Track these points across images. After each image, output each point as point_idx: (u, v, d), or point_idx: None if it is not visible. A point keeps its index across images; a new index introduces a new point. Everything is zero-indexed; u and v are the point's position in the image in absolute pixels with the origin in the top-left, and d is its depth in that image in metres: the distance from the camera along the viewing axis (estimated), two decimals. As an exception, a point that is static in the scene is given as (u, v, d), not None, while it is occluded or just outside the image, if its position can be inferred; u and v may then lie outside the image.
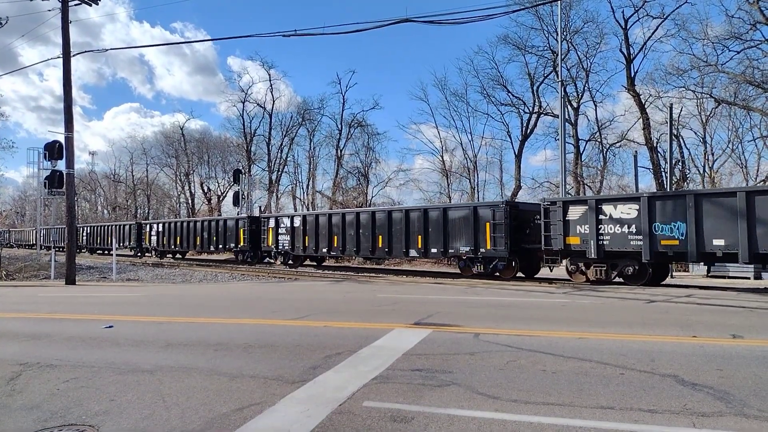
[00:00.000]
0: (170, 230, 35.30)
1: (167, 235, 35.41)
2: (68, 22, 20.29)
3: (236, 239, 29.55)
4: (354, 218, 23.20)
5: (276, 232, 26.94)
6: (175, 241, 34.67)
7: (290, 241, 26.08)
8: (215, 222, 32.22)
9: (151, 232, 37.14)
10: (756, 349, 6.30)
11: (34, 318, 10.27)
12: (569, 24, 36.24)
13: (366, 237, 22.49)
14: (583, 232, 16.26)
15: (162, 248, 36.28)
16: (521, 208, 19.47)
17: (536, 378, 5.11)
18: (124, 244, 39.97)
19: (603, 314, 9.60)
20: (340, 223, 23.68)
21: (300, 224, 25.72)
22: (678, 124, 32.02)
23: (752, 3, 26.99)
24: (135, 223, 39.63)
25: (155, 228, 37.02)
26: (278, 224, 26.97)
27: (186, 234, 33.75)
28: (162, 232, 36.11)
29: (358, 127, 50.97)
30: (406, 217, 20.96)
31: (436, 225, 19.93)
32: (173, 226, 35.36)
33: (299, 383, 5.05)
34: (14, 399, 4.84)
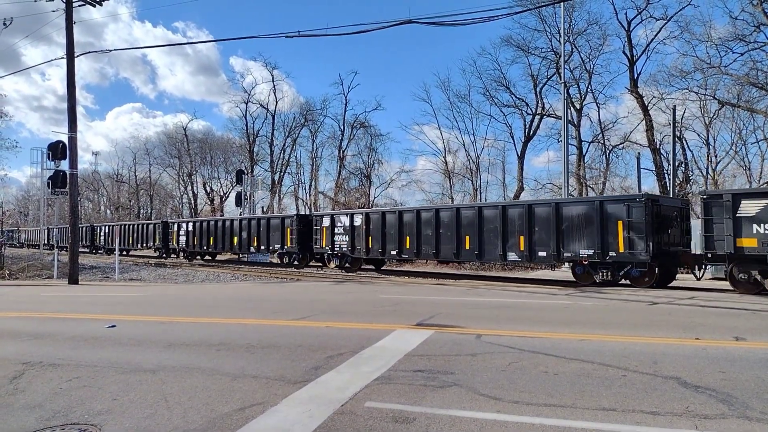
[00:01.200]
0: (202, 230, 32.55)
1: (198, 235, 32.74)
2: (72, 23, 20.38)
3: (282, 240, 26.88)
4: (432, 216, 20.23)
5: (331, 231, 24.20)
6: (207, 242, 31.88)
7: (349, 241, 23.29)
8: (257, 221, 29.17)
9: (180, 231, 34.37)
10: (759, 351, 6.28)
11: (37, 317, 10.30)
12: (572, 25, 36.26)
13: (449, 237, 19.59)
14: (764, 233, 13.26)
15: (191, 249, 33.64)
16: (662, 203, 16.34)
17: (538, 379, 5.10)
18: (148, 245, 37.75)
19: (605, 316, 9.58)
20: (414, 221, 20.74)
21: (362, 223, 22.88)
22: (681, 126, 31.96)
23: (756, 5, 26.93)
24: (161, 222, 37.34)
25: (184, 227, 34.32)
26: (334, 223, 24.16)
27: (221, 234, 30.90)
28: (192, 231, 33.33)
29: (360, 128, 51.07)
30: (503, 214, 18.11)
31: (545, 224, 17.11)
32: (205, 225, 32.67)
33: (301, 383, 5.06)
34: (17, 398, 4.85)
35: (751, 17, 27.76)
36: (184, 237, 34.06)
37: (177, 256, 36.12)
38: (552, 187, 37.80)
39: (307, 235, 25.98)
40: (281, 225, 27.07)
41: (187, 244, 33.75)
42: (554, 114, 38.99)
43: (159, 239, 36.30)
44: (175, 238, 34.82)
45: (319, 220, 25.26)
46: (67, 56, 20.25)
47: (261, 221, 28.69)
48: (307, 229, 26.03)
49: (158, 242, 36.41)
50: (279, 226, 27.20)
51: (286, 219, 27.20)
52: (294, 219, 26.61)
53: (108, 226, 45.08)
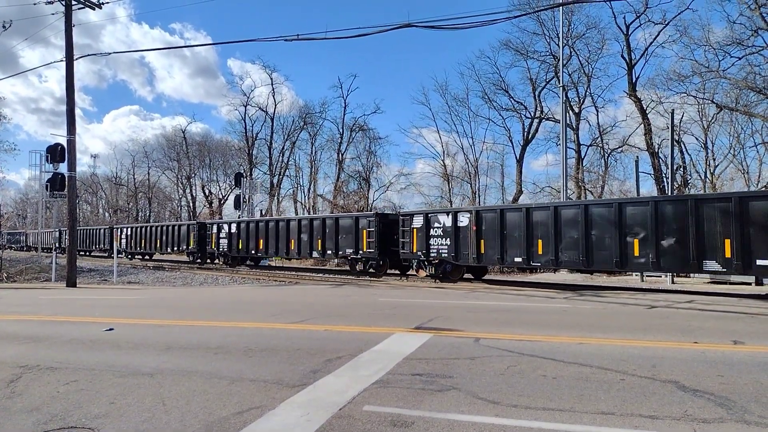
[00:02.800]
0: (249, 232, 28.64)
1: (244, 237, 28.95)
2: (71, 25, 20.39)
3: (355, 243, 22.87)
4: (578, 214, 16.12)
5: (425, 234, 20.36)
6: (256, 245, 28.13)
7: (451, 245, 19.35)
8: (321, 221, 24.89)
9: (220, 233, 30.80)
10: (757, 355, 6.29)
11: (35, 320, 10.27)
12: (571, 29, 36.38)
13: (610, 240, 15.41)
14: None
15: (234, 254, 29.90)
16: None
17: (537, 383, 5.10)
18: (180, 248, 34.29)
19: (604, 319, 9.58)
20: (551, 220, 16.62)
21: (470, 223, 18.79)
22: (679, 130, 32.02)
23: (753, 9, 27.04)
24: (196, 224, 33.78)
25: (226, 229, 30.59)
26: (429, 224, 20.21)
27: (273, 236, 27.00)
28: (236, 233, 29.56)
29: (359, 131, 51.10)
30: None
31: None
32: (253, 226, 28.69)
33: (299, 387, 5.05)
34: (14, 401, 4.83)
35: (749, 21, 27.89)
36: (225, 240, 30.41)
37: (216, 262, 32.76)
38: (551, 191, 37.85)
39: (388, 237, 22.41)
40: (354, 226, 23.18)
41: (230, 248, 30.02)
42: (553, 117, 39.09)
43: (194, 242, 32.63)
44: (214, 241, 31.15)
45: (407, 220, 21.18)
46: (66, 59, 20.26)
47: (327, 221, 24.86)
48: (388, 231, 22.45)
49: (193, 245, 32.76)
50: (352, 227, 23.33)
51: (361, 219, 23.19)
52: (372, 219, 22.55)
53: (132, 227, 41.13)
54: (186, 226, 34.07)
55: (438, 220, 20.18)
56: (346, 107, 51.78)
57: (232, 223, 30.54)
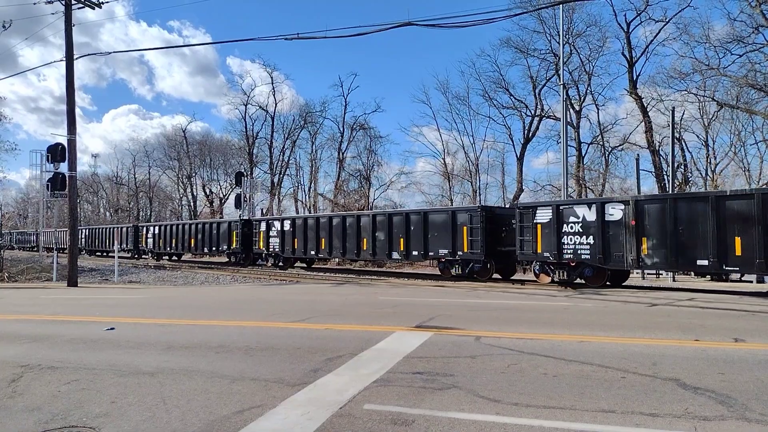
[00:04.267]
0: (306, 229, 25.88)
1: (301, 236, 26.11)
2: (72, 25, 20.38)
3: (452, 242, 19.75)
4: None
5: (555, 230, 16.86)
6: (316, 245, 25.19)
7: (598, 245, 15.85)
8: (403, 217, 21.68)
9: (270, 232, 28.05)
10: (758, 352, 6.28)
11: (36, 320, 10.28)
12: (572, 27, 36.30)
13: None
14: None
15: (289, 255, 26.99)
16: None
17: (537, 381, 5.09)
18: (220, 249, 31.57)
19: (605, 317, 9.58)
20: None
21: (624, 216, 15.41)
22: (680, 128, 32.00)
23: (754, 6, 26.98)
24: (240, 221, 30.69)
25: (277, 227, 27.52)
26: (562, 219, 16.79)
27: (339, 234, 24.13)
28: (291, 231, 26.61)
29: (360, 129, 51.04)
30: None
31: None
32: (312, 223, 25.71)
33: (300, 386, 5.05)
34: (15, 401, 4.84)
35: (750, 19, 27.83)
36: (276, 239, 27.42)
37: (265, 263, 29.65)
38: (552, 189, 37.82)
39: (494, 235, 19.32)
40: (451, 222, 19.75)
41: (282, 248, 27.11)
42: (553, 116, 39.04)
43: (238, 242, 29.81)
44: (262, 241, 28.41)
45: (528, 213, 17.59)
46: (66, 59, 20.25)
47: (411, 217, 21.43)
48: (494, 228, 19.36)
49: (236, 245, 29.89)
50: (447, 223, 19.93)
51: (460, 214, 19.75)
52: (477, 214, 19.19)
53: (160, 226, 37.78)
54: (227, 224, 31.31)
55: (575, 213, 16.59)
56: (347, 106, 51.75)
57: (285, 220, 27.61)
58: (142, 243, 38.63)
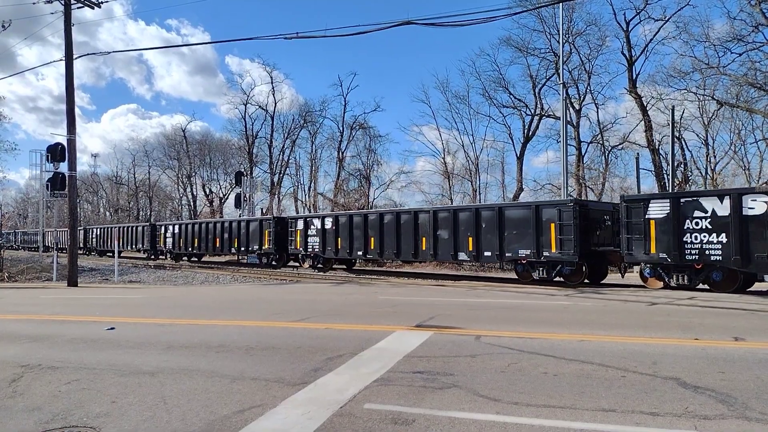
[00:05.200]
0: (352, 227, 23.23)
1: (345, 234, 23.46)
2: (71, 25, 20.37)
3: (538, 239, 17.10)
4: None
5: (639, 226, 15.16)
6: (364, 244, 22.60)
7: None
8: (471, 213, 19.09)
9: (309, 230, 25.26)
10: (758, 351, 6.28)
11: (36, 320, 10.28)
12: (571, 26, 36.25)
13: None
14: None
15: (328, 255, 24.44)
16: None
17: (537, 380, 5.10)
18: (250, 249, 28.83)
19: (605, 317, 9.58)
20: None
21: None
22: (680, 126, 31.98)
23: (754, 5, 26.97)
24: (272, 219, 27.59)
25: (317, 225, 24.88)
26: (641, 217, 15.18)
27: (392, 232, 21.45)
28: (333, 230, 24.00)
29: (359, 129, 51.00)
30: None
31: None
32: (359, 220, 22.90)
33: (300, 385, 5.05)
34: (16, 401, 4.84)
35: (750, 17, 27.80)
36: (316, 238, 24.94)
37: (299, 265, 27.40)
38: (551, 188, 37.81)
39: (587, 232, 16.96)
40: (533, 218, 17.25)
41: (323, 248, 24.51)
42: (553, 115, 39.01)
43: (271, 242, 27.31)
44: (299, 240, 25.87)
45: (636, 208, 15.39)
46: (65, 58, 20.25)
47: (483, 213, 18.80)
48: (587, 224, 16.92)
49: (269, 246, 27.43)
50: (528, 219, 17.41)
51: (546, 209, 17.26)
52: (568, 209, 16.57)
53: (180, 225, 35.08)
54: (258, 223, 28.84)
55: (701, 206, 14.21)
56: (346, 105, 51.72)
57: (326, 218, 25.01)
58: (159, 243, 36.47)
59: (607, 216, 17.26)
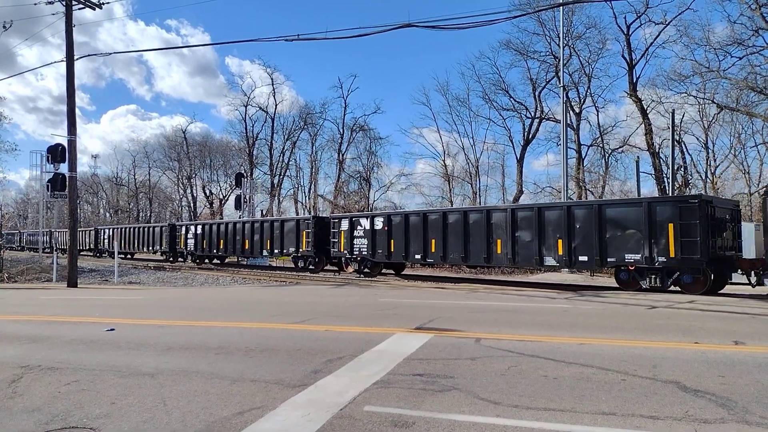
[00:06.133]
0: (407, 227, 21.05)
1: (398, 235, 21.28)
2: (72, 26, 20.40)
3: (650, 241, 15.02)
4: None
5: None
6: (423, 245, 20.29)
7: None
8: (564, 211, 16.75)
9: (355, 231, 23.07)
10: (758, 355, 6.28)
11: (36, 320, 10.28)
12: (571, 29, 36.37)
13: None
14: None
15: (385, 258, 22.04)
16: None
17: (538, 383, 5.09)
18: (285, 251, 26.78)
19: (605, 320, 9.58)
20: None
21: None
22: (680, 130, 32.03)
23: (754, 9, 27.03)
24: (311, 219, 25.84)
25: (365, 225, 22.63)
26: None
27: (479, 232, 18.66)
28: (387, 231, 21.67)
29: (360, 131, 51.21)
30: None
31: None
32: (416, 220, 20.85)
33: (300, 387, 5.05)
34: (15, 401, 4.84)
35: (750, 21, 27.88)
36: (363, 239, 22.71)
37: (338, 269, 25.45)
38: (552, 191, 37.84)
39: (712, 232, 14.74)
40: (646, 218, 15.11)
41: (372, 251, 22.24)
42: (553, 118, 39.11)
43: (310, 243, 25.22)
44: (343, 242, 23.74)
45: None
46: (66, 59, 20.27)
47: (575, 211, 16.58)
48: (713, 225, 14.77)
49: (306, 248, 25.45)
50: (639, 219, 15.23)
51: (662, 206, 15.27)
52: (692, 206, 14.54)
53: (204, 225, 32.85)
54: (294, 223, 26.60)
55: None
56: (347, 107, 51.98)
57: (376, 217, 22.65)
58: (179, 244, 34.32)
59: (728, 216, 15.44)
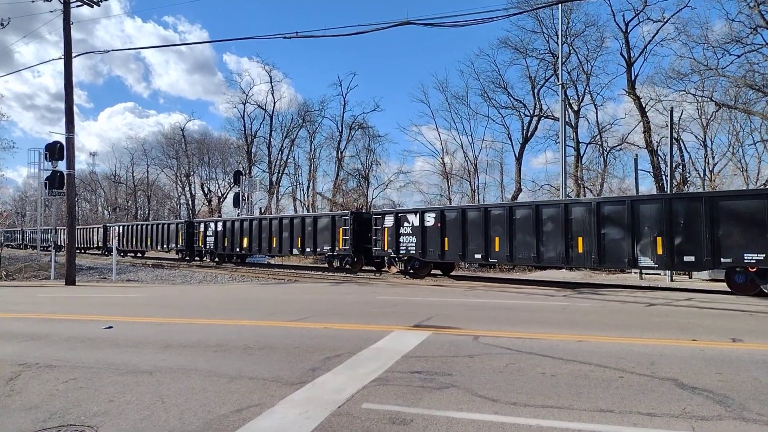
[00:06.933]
0: (470, 222, 18.52)
1: (459, 231, 18.72)
2: (70, 23, 20.33)
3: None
4: None
5: None
6: (487, 243, 17.99)
7: None
8: (665, 203, 14.55)
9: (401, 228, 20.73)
10: (755, 352, 6.30)
11: (34, 318, 10.26)
12: (570, 27, 36.37)
13: None
14: None
15: (439, 257, 19.56)
16: None
17: (535, 381, 5.10)
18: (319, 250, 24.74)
19: (603, 317, 9.59)
20: None
21: None
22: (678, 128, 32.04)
23: (753, 7, 27.03)
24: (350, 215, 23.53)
25: (413, 221, 20.36)
26: None
27: (557, 230, 16.33)
28: (440, 228, 19.28)
29: (358, 129, 51.13)
30: None
31: None
32: (476, 215, 18.47)
33: (298, 385, 5.05)
34: (13, 399, 4.83)
35: (748, 19, 27.88)
36: (412, 237, 20.40)
37: (379, 268, 23.78)
38: (550, 188, 37.86)
39: None
40: None
41: (422, 250, 19.87)
42: (552, 115, 39.09)
43: (347, 242, 23.16)
44: (387, 239, 21.34)
45: None
46: (64, 57, 20.21)
47: (674, 205, 14.41)
48: None
49: (345, 246, 23.27)
50: (762, 212, 12.95)
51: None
52: None
53: (226, 222, 30.73)
54: (330, 219, 24.31)
55: None
56: (346, 105, 51.86)
57: (427, 212, 20.29)
58: (198, 242, 32.27)
59: None
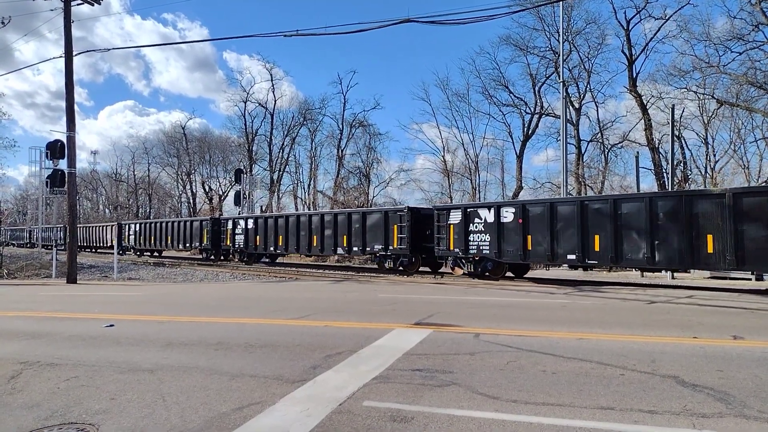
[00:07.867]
0: (559, 216, 16.16)
1: (550, 227, 16.28)
2: (71, 22, 20.32)
3: None
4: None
5: None
6: (588, 241, 15.48)
7: None
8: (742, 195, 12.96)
9: (471, 226, 18.56)
10: (756, 350, 6.29)
11: (35, 316, 10.28)
12: (571, 25, 36.34)
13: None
14: None
15: (520, 257, 17.27)
16: None
17: (536, 378, 5.10)
18: (369, 249, 22.42)
19: (604, 315, 9.59)
20: None
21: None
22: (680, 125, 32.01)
23: (754, 4, 26.96)
24: (406, 210, 21.20)
25: (487, 217, 18.00)
26: None
27: (680, 228, 13.76)
28: (523, 224, 16.97)
29: (359, 127, 51.07)
30: None
31: None
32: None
33: (299, 383, 5.05)
34: (15, 397, 4.84)
35: (750, 16, 27.86)
36: (483, 235, 18.21)
37: (436, 270, 22.26)
38: (551, 186, 37.84)
39: None
40: None
41: (497, 248, 17.67)
42: (553, 113, 39.04)
43: (403, 239, 20.92)
44: (452, 238, 19.25)
45: None
46: (65, 55, 20.20)
47: (745, 201, 12.86)
48: None
49: (400, 244, 21.14)
50: None
51: None
52: None
53: (257, 219, 28.71)
54: (382, 215, 21.95)
55: None
56: (346, 103, 51.78)
57: (504, 207, 17.76)
58: (225, 241, 30.46)
59: None
